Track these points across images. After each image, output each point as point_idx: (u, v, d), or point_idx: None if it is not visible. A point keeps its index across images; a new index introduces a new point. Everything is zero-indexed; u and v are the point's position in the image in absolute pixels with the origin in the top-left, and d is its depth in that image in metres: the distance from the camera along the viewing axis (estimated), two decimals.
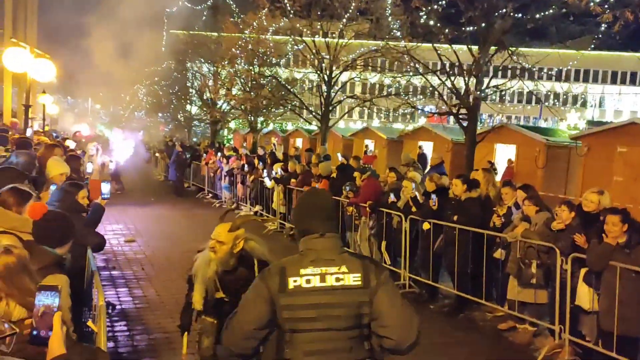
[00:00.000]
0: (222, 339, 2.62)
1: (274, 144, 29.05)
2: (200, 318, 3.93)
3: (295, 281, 2.41)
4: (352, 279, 2.42)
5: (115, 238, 11.15)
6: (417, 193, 8.21)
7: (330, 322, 2.40)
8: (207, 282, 3.71)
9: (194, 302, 3.79)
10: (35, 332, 1.90)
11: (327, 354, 2.41)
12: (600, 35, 13.39)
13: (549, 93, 27.95)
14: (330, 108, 20.83)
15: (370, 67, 21.41)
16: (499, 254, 6.70)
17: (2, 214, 3.35)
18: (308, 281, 2.41)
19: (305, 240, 2.52)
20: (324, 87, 20.16)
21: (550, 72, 16.68)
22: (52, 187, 5.07)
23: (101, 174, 8.85)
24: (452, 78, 13.99)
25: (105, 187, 5.41)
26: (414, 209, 8.03)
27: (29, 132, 11.35)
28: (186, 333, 4.09)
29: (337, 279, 2.42)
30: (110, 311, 6.31)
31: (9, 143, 8.02)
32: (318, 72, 20.40)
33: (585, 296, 5.45)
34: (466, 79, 13.62)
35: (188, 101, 34.11)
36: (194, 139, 35.81)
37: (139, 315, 6.74)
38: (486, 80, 13.98)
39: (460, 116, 13.78)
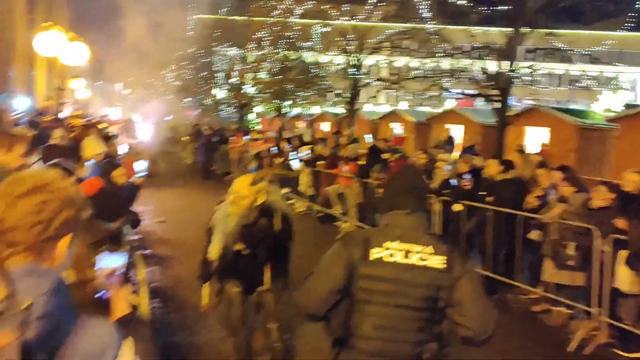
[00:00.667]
0: (295, 298, 2.64)
1: (301, 128, 29.00)
2: (226, 286, 4.02)
3: (378, 252, 2.39)
4: (437, 262, 2.38)
5: (147, 218, 11.30)
6: (448, 174, 8.12)
7: (405, 300, 2.37)
8: (226, 236, 3.75)
9: (210, 253, 3.86)
10: (101, 293, 1.92)
11: (395, 331, 2.38)
12: (635, 14, 12.96)
13: (582, 75, 27.25)
14: (359, 91, 20.68)
15: (397, 50, 21.14)
16: (535, 235, 6.58)
17: None
18: (391, 255, 2.39)
19: (391, 215, 2.50)
20: (351, 70, 20.00)
21: (584, 53, 16.19)
22: (87, 164, 5.14)
23: (135, 154, 8.99)
24: (484, 59, 13.74)
25: (140, 166, 5.47)
26: (445, 191, 7.94)
27: (62, 116, 11.53)
28: (207, 283, 4.22)
29: (421, 259, 2.38)
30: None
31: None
32: (345, 55, 20.23)
33: (625, 278, 5.32)
34: (498, 60, 13.35)
35: (215, 85, 34.22)
36: (221, 124, 35.99)
37: (172, 293, 6.83)
38: (518, 62, 13.70)
39: (491, 98, 13.53)
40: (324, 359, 2.50)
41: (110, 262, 1.97)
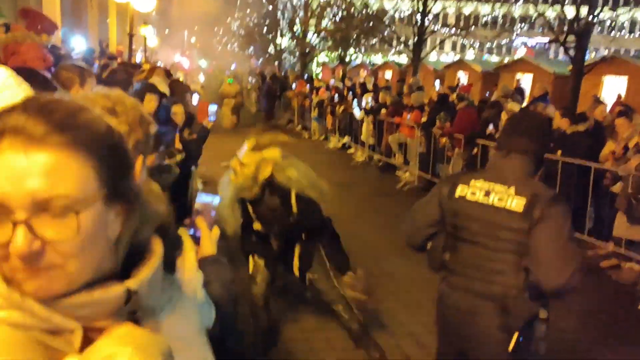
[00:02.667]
0: (401, 226, 2.81)
1: (364, 77, 28.57)
2: (253, 259, 3.67)
3: (462, 190, 2.44)
4: (513, 203, 2.31)
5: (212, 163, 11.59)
6: None
7: (490, 240, 2.36)
8: (225, 208, 3.20)
9: (225, 226, 3.23)
10: (193, 231, 1.95)
11: (482, 271, 2.38)
12: None
13: None
14: (425, 38, 20.01)
15: None
16: (617, 187, 6.23)
17: None
18: (473, 193, 2.41)
19: (495, 155, 2.57)
20: (417, 17, 19.32)
21: None
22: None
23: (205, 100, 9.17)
24: (560, 4, 12.86)
25: (212, 109, 5.57)
26: None
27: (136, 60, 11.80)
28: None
29: (499, 199, 2.35)
30: None
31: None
32: (410, 0, 19.52)
33: None
34: (577, 2, 12.46)
35: (278, 33, 34.08)
36: (284, 72, 36.03)
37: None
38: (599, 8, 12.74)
39: (568, 45, 12.74)
40: None
41: (207, 199, 2.01)
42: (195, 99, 7.34)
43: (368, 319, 4.11)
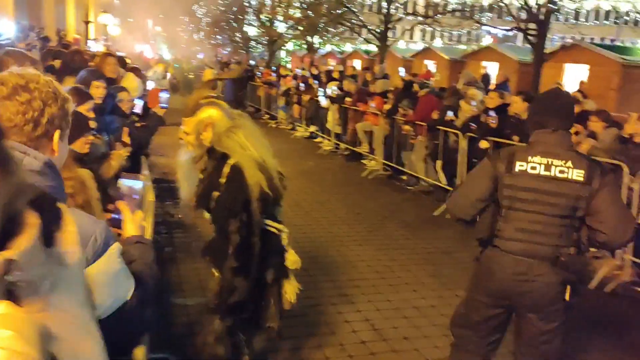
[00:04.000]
0: (447, 202, 3.02)
1: (331, 65, 28.53)
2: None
3: (521, 165, 2.73)
4: (575, 174, 2.67)
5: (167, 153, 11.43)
6: (476, 111, 7.87)
7: (545, 208, 2.69)
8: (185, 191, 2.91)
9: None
10: (114, 216, 1.97)
11: (535, 234, 2.72)
12: None
13: (630, 11, 25.66)
14: (390, 27, 20.04)
15: None
16: None
17: None
18: (533, 167, 2.71)
19: (537, 132, 2.79)
20: (383, 4, 19.33)
21: None
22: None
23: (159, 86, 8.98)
24: None
25: (164, 96, 5.46)
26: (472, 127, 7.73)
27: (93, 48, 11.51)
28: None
29: (561, 171, 2.69)
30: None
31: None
32: None
33: None
34: None
35: (245, 22, 33.70)
36: (251, 61, 35.72)
37: (195, 225, 6.93)
38: None
39: (529, 32, 12.92)
40: None
41: (130, 183, 2.01)
42: (149, 86, 7.22)
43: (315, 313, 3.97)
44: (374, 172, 10.38)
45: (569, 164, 2.68)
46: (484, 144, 7.51)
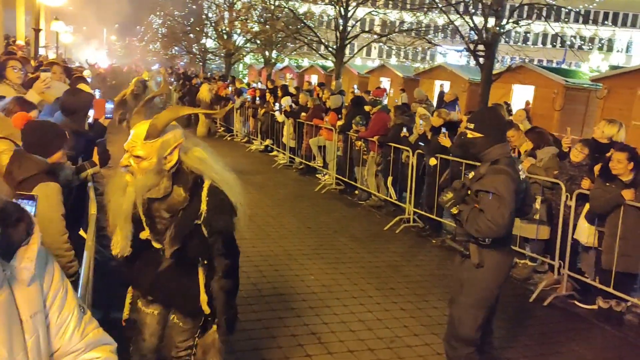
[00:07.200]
0: (493, 228, 3.24)
1: (288, 79, 28.70)
2: (139, 302, 2.72)
3: (519, 171, 3.40)
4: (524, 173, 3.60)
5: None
6: (425, 129, 8.10)
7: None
8: (124, 217, 2.42)
9: (112, 245, 2.52)
10: None
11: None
12: None
13: (575, 36, 26.91)
14: (346, 43, 20.35)
15: (388, 2, 20.77)
16: None
17: (3, 120, 3.48)
18: (522, 173, 3.48)
19: (502, 145, 3.41)
20: (340, 21, 19.64)
21: (576, 12, 15.90)
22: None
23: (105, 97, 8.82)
24: (472, 13, 13.52)
25: (109, 107, 5.38)
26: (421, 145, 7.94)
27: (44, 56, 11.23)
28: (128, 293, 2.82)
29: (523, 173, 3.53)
30: None
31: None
32: (334, 4, 19.81)
33: (584, 231, 5.44)
34: (486, 13, 13.15)
35: (203, 34, 33.55)
36: (209, 73, 35.53)
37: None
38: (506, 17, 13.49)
39: (478, 53, 13.40)
40: None
41: (24, 204, 1.97)
42: (96, 95, 7.09)
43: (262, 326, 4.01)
44: (327, 186, 10.49)
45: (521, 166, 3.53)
46: (432, 161, 7.73)
